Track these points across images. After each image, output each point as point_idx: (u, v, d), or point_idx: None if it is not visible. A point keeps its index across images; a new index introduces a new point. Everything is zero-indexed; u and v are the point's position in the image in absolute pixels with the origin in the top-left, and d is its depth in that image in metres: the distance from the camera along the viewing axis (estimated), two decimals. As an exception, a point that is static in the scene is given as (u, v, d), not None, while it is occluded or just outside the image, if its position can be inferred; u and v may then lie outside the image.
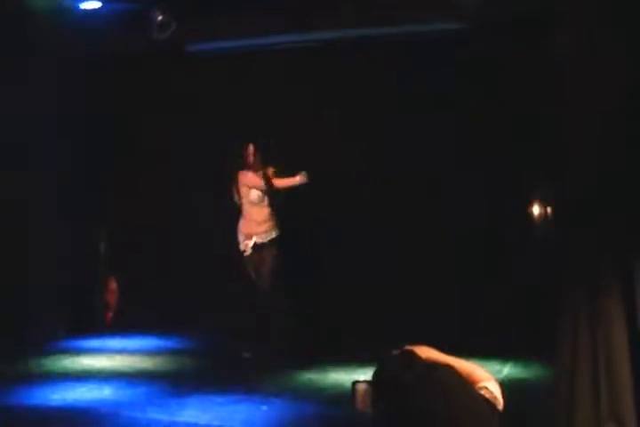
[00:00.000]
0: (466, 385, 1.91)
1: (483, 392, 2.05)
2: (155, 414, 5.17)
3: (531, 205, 7.72)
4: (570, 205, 4.42)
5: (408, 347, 2.15)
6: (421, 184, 7.86)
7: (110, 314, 8.75)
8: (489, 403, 1.98)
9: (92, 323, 8.49)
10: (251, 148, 7.30)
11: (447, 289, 7.53)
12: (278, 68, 8.24)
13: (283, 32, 8.08)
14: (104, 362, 6.96)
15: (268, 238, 7.31)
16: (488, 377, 2.16)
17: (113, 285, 8.80)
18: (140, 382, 6.17)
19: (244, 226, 7.35)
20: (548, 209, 7.56)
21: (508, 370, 6.31)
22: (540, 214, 7.69)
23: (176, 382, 6.14)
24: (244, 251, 7.30)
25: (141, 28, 7.91)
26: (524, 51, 7.11)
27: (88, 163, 8.50)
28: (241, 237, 7.33)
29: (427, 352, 2.18)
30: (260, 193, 7.31)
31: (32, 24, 7.51)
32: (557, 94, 4.56)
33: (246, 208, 7.35)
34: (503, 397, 2.14)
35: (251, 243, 7.28)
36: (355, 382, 2.11)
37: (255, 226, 7.31)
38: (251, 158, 7.29)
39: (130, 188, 8.79)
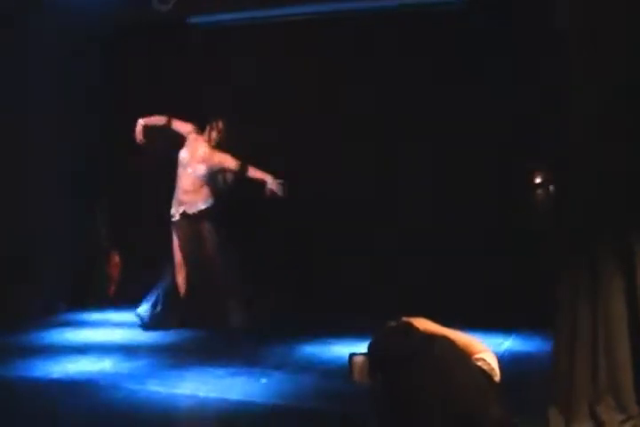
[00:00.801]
0: (463, 357, 1.90)
1: (480, 364, 2.04)
2: (154, 387, 5.18)
3: (532, 179, 7.69)
4: (570, 182, 4.39)
5: (405, 319, 2.14)
6: (422, 162, 7.81)
7: (112, 288, 8.77)
8: (486, 374, 1.96)
9: (94, 296, 8.51)
10: (220, 124, 7.26)
11: (449, 263, 7.52)
12: (279, 40, 8.17)
13: (284, 4, 8.02)
14: (105, 335, 6.98)
15: (197, 209, 7.25)
16: (484, 349, 2.15)
17: (115, 258, 8.82)
18: (140, 354, 6.18)
19: (176, 191, 7.35)
20: (550, 185, 7.54)
21: (509, 343, 6.33)
22: (541, 189, 7.66)
23: (176, 355, 6.16)
24: (173, 216, 7.30)
25: (143, 1, 7.88)
26: (524, 29, 7.06)
27: (90, 138, 8.47)
28: (174, 202, 7.34)
29: (424, 324, 2.17)
30: (187, 157, 7.25)
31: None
32: (558, 75, 4.52)
33: (178, 172, 7.34)
34: (500, 369, 2.13)
35: (180, 210, 7.27)
36: (352, 355, 2.10)
37: (182, 193, 7.29)
38: (213, 133, 7.25)
39: (131, 162, 8.76)
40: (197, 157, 7.25)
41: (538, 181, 7.68)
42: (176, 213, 7.30)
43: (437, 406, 1.71)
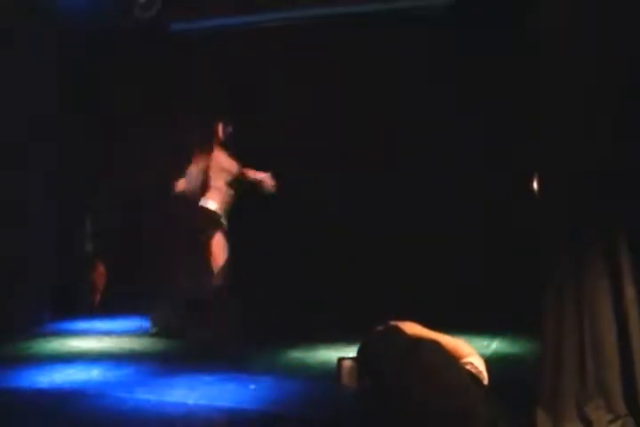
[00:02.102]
0: (451, 361, 1.89)
1: (468, 367, 2.04)
2: (143, 395, 5.16)
3: (516, 179, 7.71)
4: (554, 181, 4.41)
5: (393, 323, 2.14)
6: (416, 158, 7.82)
7: (98, 296, 8.73)
8: (475, 378, 1.97)
9: (80, 305, 8.48)
10: (227, 127, 7.20)
11: (434, 266, 7.53)
12: (264, 46, 8.17)
13: (268, 10, 8.02)
14: (92, 344, 6.95)
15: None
16: (472, 352, 2.16)
17: (100, 266, 8.79)
18: (128, 362, 6.16)
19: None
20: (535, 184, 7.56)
21: (495, 346, 6.34)
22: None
23: (164, 362, 6.14)
24: (215, 211, 7.09)
25: (125, 7, 7.87)
26: (508, 28, 7.10)
27: (75, 144, 8.45)
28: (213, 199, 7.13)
29: (412, 328, 2.17)
30: (228, 176, 7.16)
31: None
32: (543, 68, 4.54)
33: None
34: (488, 372, 2.14)
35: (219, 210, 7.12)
36: (340, 359, 2.10)
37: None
38: (222, 138, 7.19)
39: (117, 169, 8.74)
40: (217, 168, 7.13)
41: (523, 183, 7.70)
42: (219, 210, 7.12)
43: (425, 409, 1.71)
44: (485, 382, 2.08)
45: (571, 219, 4.22)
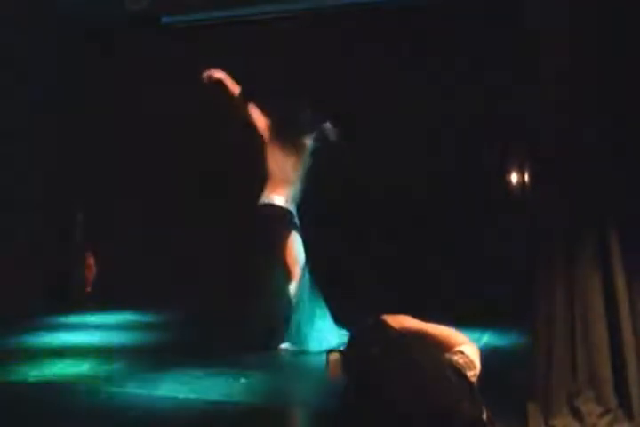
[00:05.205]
0: (434, 354, 1.88)
1: (457, 357, 2.04)
2: (133, 389, 5.14)
3: (508, 174, 7.72)
4: (545, 175, 4.41)
5: (382, 316, 2.14)
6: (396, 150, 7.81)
7: (88, 289, 8.72)
8: (456, 370, 1.95)
9: (70, 299, 8.46)
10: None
11: (426, 260, 7.54)
12: (251, 39, 8.17)
13: (256, 3, 8.02)
14: (82, 338, 6.93)
15: None
16: (465, 341, 2.15)
17: (90, 260, 8.77)
18: (119, 357, 6.14)
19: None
20: (526, 178, 7.58)
21: (486, 339, 6.35)
22: (517, 183, 7.70)
23: (155, 357, 6.12)
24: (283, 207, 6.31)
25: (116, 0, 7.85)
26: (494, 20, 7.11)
27: (66, 137, 8.44)
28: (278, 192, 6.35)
29: (403, 321, 2.16)
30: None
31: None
32: (530, 60, 4.54)
33: None
34: (481, 361, 2.13)
35: None
36: (328, 352, 2.11)
37: None
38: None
39: (106, 162, 8.74)
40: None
41: (514, 179, 7.72)
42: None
43: (407, 404, 1.69)
44: (476, 371, 2.07)
45: (562, 217, 4.21)
